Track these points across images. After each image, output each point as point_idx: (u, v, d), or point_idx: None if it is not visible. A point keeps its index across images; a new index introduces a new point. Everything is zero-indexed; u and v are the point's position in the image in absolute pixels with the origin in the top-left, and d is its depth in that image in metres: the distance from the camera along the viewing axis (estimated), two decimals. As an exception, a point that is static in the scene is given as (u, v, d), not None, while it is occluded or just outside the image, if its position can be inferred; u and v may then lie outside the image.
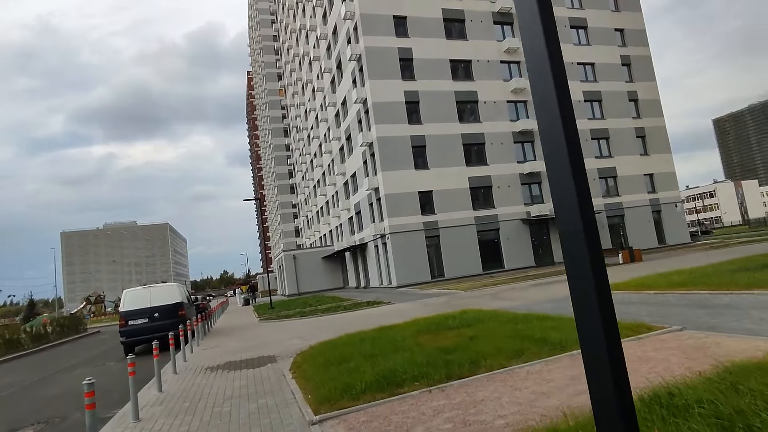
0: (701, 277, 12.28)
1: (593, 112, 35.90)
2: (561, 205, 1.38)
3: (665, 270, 16.39)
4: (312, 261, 43.60)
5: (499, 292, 17.45)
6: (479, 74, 32.70)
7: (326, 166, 45.01)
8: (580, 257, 1.35)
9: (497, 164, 32.09)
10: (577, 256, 1.36)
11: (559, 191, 1.39)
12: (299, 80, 54.35)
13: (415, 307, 16.40)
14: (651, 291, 11.23)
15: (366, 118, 31.54)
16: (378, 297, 22.62)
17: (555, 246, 32.73)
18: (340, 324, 14.20)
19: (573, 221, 1.35)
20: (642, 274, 16.69)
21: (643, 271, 18.34)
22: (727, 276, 11.39)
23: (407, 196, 29.58)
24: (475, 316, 10.18)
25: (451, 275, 29.47)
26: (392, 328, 10.29)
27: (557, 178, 1.38)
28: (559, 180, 1.37)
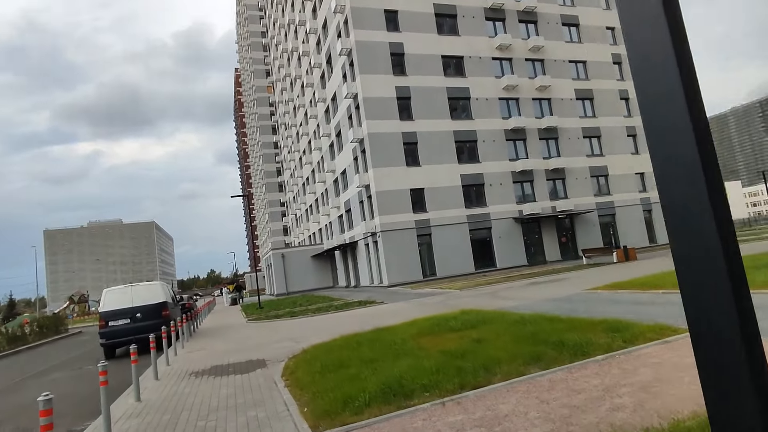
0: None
1: (585, 110, 35.75)
2: (685, 210, 0.85)
3: (666, 269, 16.09)
4: (301, 260, 42.83)
5: (496, 292, 16.99)
6: (471, 71, 32.27)
7: (315, 163, 44.24)
8: (712, 270, 0.84)
9: (489, 162, 31.71)
10: (706, 270, 0.84)
11: (681, 197, 0.86)
12: (288, 76, 53.42)
13: (410, 307, 15.85)
14: (659, 290, 10.83)
15: (357, 113, 30.90)
16: (370, 296, 22.03)
17: (547, 245, 32.50)
18: (332, 325, 13.59)
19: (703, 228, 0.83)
20: (641, 273, 16.35)
21: (640, 270, 18.04)
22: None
23: (398, 194, 29.03)
24: (477, 316, 9.65)
25: (443, 274, 29.01)
26: (390, 330, 9.72)
27: (681, 179, 0.85)
28: (684, 182, 0.85)
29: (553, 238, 32.82)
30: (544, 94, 34.15)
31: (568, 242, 33.53)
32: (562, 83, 34.79)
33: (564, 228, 33.61)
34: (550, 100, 34.41)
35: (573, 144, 34.49)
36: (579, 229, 33.72)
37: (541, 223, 32.55)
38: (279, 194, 79.59)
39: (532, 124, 33.23)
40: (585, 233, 33.71)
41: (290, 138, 57.14)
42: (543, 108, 34.37)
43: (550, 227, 32.80)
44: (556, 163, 33.02)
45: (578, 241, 33.55)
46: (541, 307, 11.08)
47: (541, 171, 33.05)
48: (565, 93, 34.87)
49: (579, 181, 34.18)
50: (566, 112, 34.52)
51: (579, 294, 12.76)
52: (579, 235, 33.66)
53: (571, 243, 33.60)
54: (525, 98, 33.54)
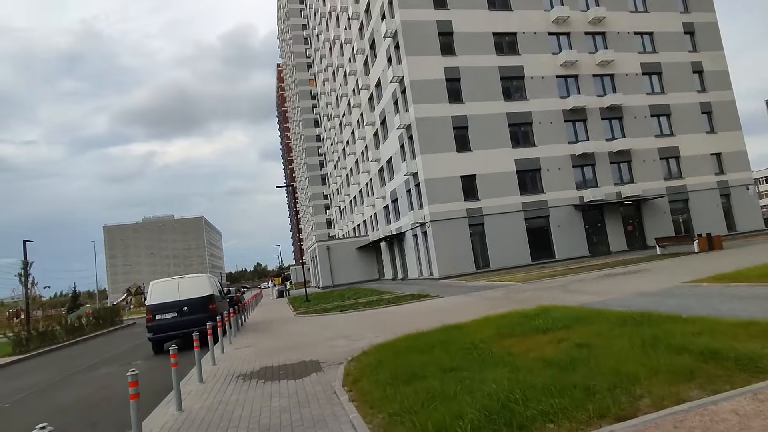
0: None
1: (652, 86, 32.58)
2: None
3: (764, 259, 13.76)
4: (346, 252, 42.11)
5: (566, 284, 15.21)
6: (526, 47, 30.02)
7: (359, 153, 43.27)
8: None
9: (546, 145, 29.45)
10: None
11: None
12: (330, 66, 52.66)
13: (471, 301, 14.41)
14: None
15: (403, 98, 29.48)
16: (422, 289, 20.73)
17: (611, 234, 29.92)
18: (388, 321, 12.40)
19: None
20: (739, 264, 14.08)
21: (735, 261, 15.68)
22: None
23: (449, 181, 27.45)
24: (565, 314, 8.11)
25: (497, 266, 27.24)
26: (461, 328, 8.36)
27: None
28: None
29: (618, 227, 30.16)
30: (606, 69, 31.34)
31: (634, 231, 30.76)
32: (627, 57, 31.80)
33: (630, 215, 30.84)
34: (612, 77, 31.56)
35: (639, 123, 31.51)
36: (647, 217, 30.83)
37: (605, 211, 29.97)
38: (322, 187, 79.68)
39: (593, 102, 30.58)
40: (654, 221, 30.79)
41: (333, 129, 56.53)
42: (605, 85, 31.58)
43: (615, 215, 30.15)
44: (621, 145, 30.25)
45: (646, 230, 30.71)
46: (638, 303, 9.36)
47: (604, 154, 30.40)
48: (630, 68, 31.86)
49: (647, 164, 31.22)
50: (631, 89, 31.53)
51: (679, 288, 10.87)
52: (647, 223, 30.79)
53: (638, 232, 30.81)
54: (585, 75, 30.90)
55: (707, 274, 12.45)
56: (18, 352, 18.47)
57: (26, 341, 19.12)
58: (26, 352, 18.50)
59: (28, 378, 12.23)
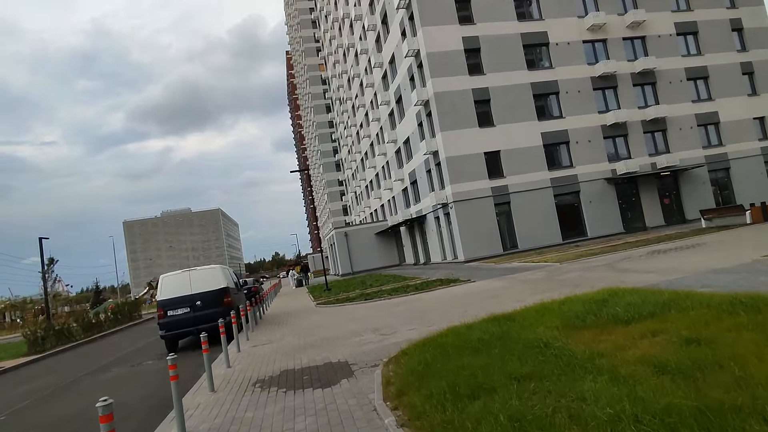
0: None
1: (687, 48, 30.21)
2: None
3: None
4: (365, 238, 40.96)
5: (612, 263, 13.71)
6: (549, 11, 27.96)
7: (374, 135, 41.78)
8: None
9: (574, 116, 27.57)
10: None
11: None
12: (340, 47, 50.94)
13: (510, 285, 13.05)
14: None
15: (419, 72, 27.84)
16: (450, 274, 19.42)
17: (647, 208, 28.06)
18: (420, 310, 11.15)
19: None
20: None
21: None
22: None
23: (471, 158, 25.89)
24: (643, 298, 6.70)
25: (526, 246, 25.74)
26: (514, 319, 7.04)
27: None
28: None
29: (654, 201, 28.27)
30: (636, 31, 29.10)
31: (671, 204, 28.83)
32: (659, 17, 29.45)
33: (666, 188, 28.88)
34: (644, 39, 29.31)
35: (675, 88, 29.29)
36: (685, 189, 28.83)
37: (639, 184, 28.08)
38: (337, 174, 78.54)
39: (624, 68, 28.46)
40: (692, 193, 28.79)
41: (346, 113, 55.01)
42: (636, 48, 29.38)
43: (650, 188, 28.24)
44: (655, 112, 28.17)
45: (684, 203, 28.76)
46: (721, 281, 7.89)
47: (637, 123, 28.38)
48: (663, 28, 29.53)
49: (683, 132, 29.09)
50: (665, 51, 29.25)
51: (761, 262, 9.32)
52: (685, 195, 28.81)
53: (675, 205, 28.87)
54: (614, 39, 28.73)
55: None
56: (33, 351, 17.84)
57: (42, 340, 18.49)
58: (41, 351, 17.85)
59: (35, 381, 11.39)
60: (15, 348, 19.53)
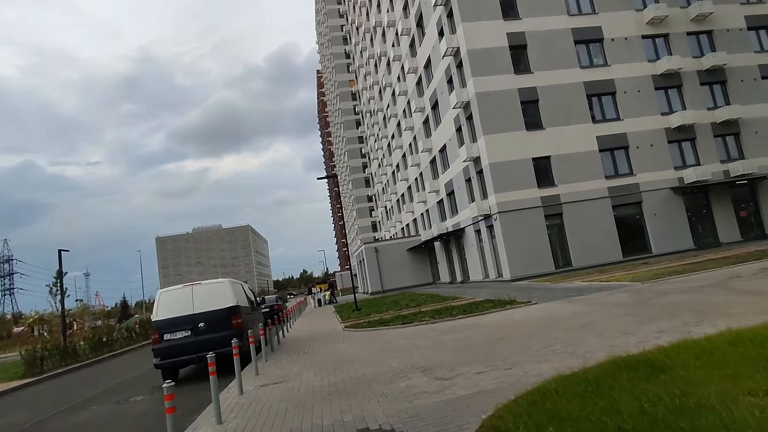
0: None
1: (761, 43, 26.86)
2: None
3: None
4: (396, 254, 38.43)
5: (720, 283, 10.73)
6: (602, 4, 25.33)
7: (407, 145, 39.61)
8: None
9: (634, 118, 24.57)
10: None
11: None
12: (372, 57, 49.53)
13: (591, 310, 10.25)
14: None
15: (459, 73, 25.57)
16: (496, 294, 16.65)
17: (720, 221, 24.52)
18: (480, 340, 8.52)
19: None
20: None
21: None
22: None
23: (518, 165, 23.20)
24: None
25: (581, 264, 22.63)
26: (662, 368, 4.37)
27: None
28: None
29: (728, 213, 24.70)
30: (703, 25, 26.03)
31: (749, 217, 25.15)
32: (728, 9, 26.31)
33: (742, 199, 25.27)
34: (711, 33, 26.18)
35: (748, 88, 25.90)
36: (764, 199, 25.15)
37: (710, 194, 24.64)
38: (366, 189, 76.82)
39: (690, 65, 25.36)
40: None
41: (377, 125, 53.26)
42: (702, 44, 26.25)
43: (723, 199, 24.71)
44: (727, 114, 24.84)
45: (764, 215, 25.04)
46: None
47: (706, 125, 25.08)
48: (733, 21, 26.35)
49: (760, 136, 25.54)
50: (736, 47, 26.00)
51: None
52: (764, 207, 25.10)
53: (754, 218, 25.18)
54: (677, 33, 25.75)
55: None
56: (30, 373, 16.03)
57: (41, 360, 16.69)
58: (39, 373, 16.04)
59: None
60: (17, 368, 17.82)
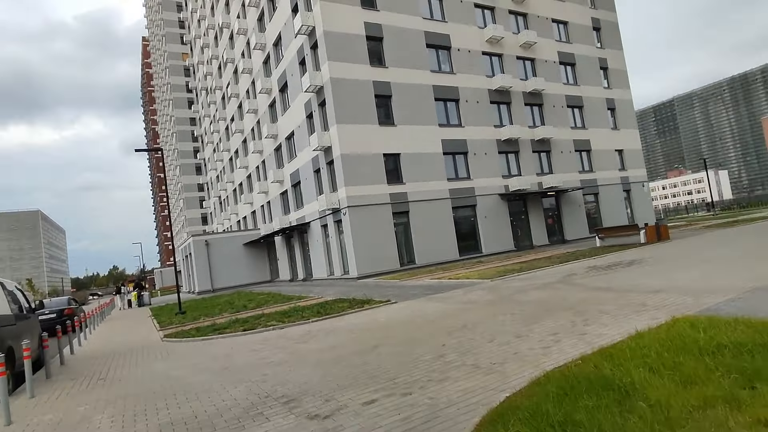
0: None
1: (567, 77, 31.75)
2: None
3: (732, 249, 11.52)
4: (231, 248, 34.64)
5: (565, 279, 11.33)
6: (451, 15, 26.57)
7: (249, 130, 36.11)
8: None
9: (473, 126, 26.34)
10: None
11: None
12: (211, 28, 44.17)
13: (460, 309, 9.63)
14: None
15: (313, 55, 23.84)
16: (345, 292, 15.47)
17: (534, 226, 27.93)
18: (347, 349, 6.94)
19: None
20: (719, 253, 11.71)
21: (705, 250, 13.51)
22: None
23: (370, 159, 22.58)
24: None
25: (423, 262, 23.17)
26: (625, 389, 3.42)
27: None
28: None
29: (540, 219, 28.36)
30: (528, 53, 29.47)
31: (554, 224, 29.32)
32: (546, 43, 30.37)
33: (550, 208, 29.33)
34: (534, 61, 29.84)
35: (558, 113, 30.29)
36: (565, 209, 29.66)
37: (528, 202, 27.91)
38: (197, 177, 69.12)
39: (518, 85, 28.40)
40: (570, 213, 29.77)
41: (213, 105, 47.81)
42: (527, 69, 29.73)
43: (537, 207, 28.29)
44: (543, 133, 28.53)
45: (564, 223, 29.50)
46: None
47: (527, 141, 28.39)
48: (549, 54, 30.53)
49: (564, 155, 30.09)
50: (551, 76, 30.17)
51: None
52: (565, 215, 29.60)
53: (557, 225, 29.44)
54: (509, 55, 28.59)
55: (721, 264, 9.47)
56: None
57: None
58: None
59: None
60: None
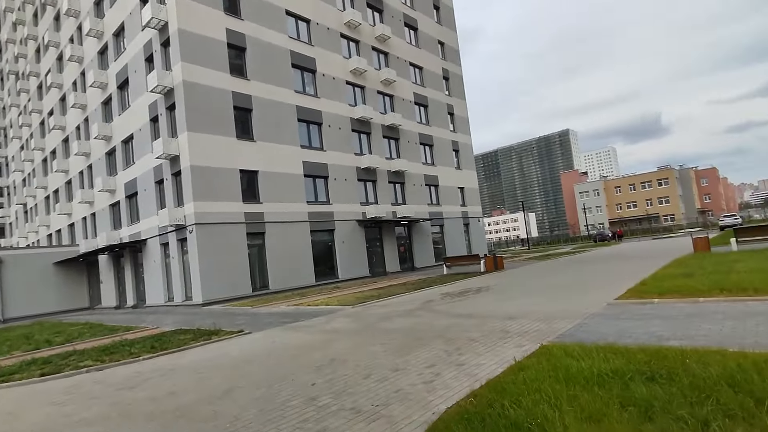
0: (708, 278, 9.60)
1: (420, 117, 34.42)
2: None
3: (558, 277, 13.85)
4: (36, 268, 28.06)
5: (425, 306, 11.60)
6: (319, 40, 26.73)
7: (73, 127, 30.46)
8: None
9: (335, 152, 26.46)
10: None
11: None
12: (29, 3, 36.77)
13: (315, 338, 8.99)
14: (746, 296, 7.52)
15: (163, 52, 21.35)
16: (188, 321, 13.53)
17: (388, 254, 28.93)
18: (190, 396, 5.75)
19: None
20: (553, 282, 13.78)
21: (537, 278, 15.65)
22: None
23: (224, 173, 20.79)
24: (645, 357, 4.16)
25: (278, 287, 21.94)
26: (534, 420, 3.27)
27: None
28: None
29: (393, 247, 29.53)
30: (388, 89, 31.18)
31: (405, 251, 30.82)
32: (404, 83, 32.63)
33: (402, 237, 30.82)
34: (393, 97, 31.67)
35: (412, 148, 32.45)
36: (415, 238, 31.48)
37: (383, 229, 28.89)
38: (-9, 178, 55.58)
39: (378, 118, 29.69)
40: (420, 242, 31.73)
41: (25, 93, 39.39)
42: (386, 104, 31.36)
43: (391, 234, 29.46)
44: (398, 165, 30.14)
45: (414, 251, 31.25)
46: (662, 329, 6.35)
47: (384, 171, 29.63)
48: (406, 94, 32.80)
49: (416, 188, 32.18)
50: (407, 114, 32.35)
51: (621, 306, 8.61)
52: (415, 244, 31.41)
53: (408, 252, 31.01)
54: (371, 89, 29.83)
55: (622, 290, 11.06)
56: None
57: None
58: None
59: None
60: None
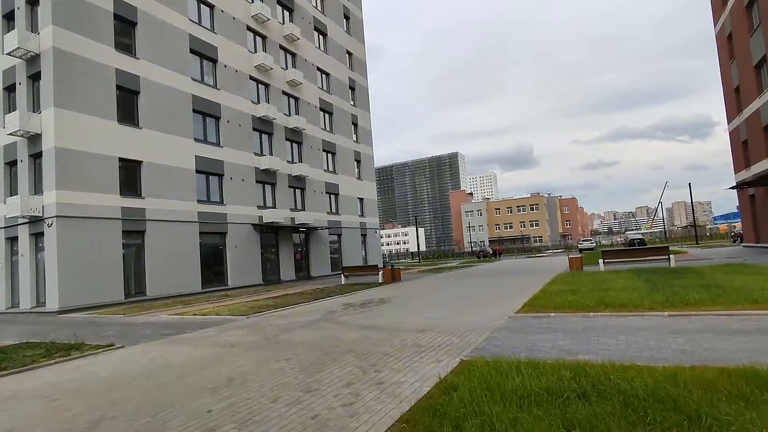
0: (615, 295, 10.55)
1: (325, 123, 33.85)
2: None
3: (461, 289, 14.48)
4: None
5: (326, 318, 10.91)
6: (222, 28, 24.87)
7: None
8: None
9: (232, 149, 24.62)
10: None
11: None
12: None
13: (205, 353, 7.81)
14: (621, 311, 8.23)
15: (29, 10, 17.93)
16: (43, 332, 11.09)
17: (283, 261, 27.58)
18: (40, 430, 4.37)
19: None
20: (456, 293, 14.24)
21: (442, 290, 16.02)
22: (645, 295, 9.91)
23: (99, 160, 17.92)
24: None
25: (157, 293, 19.44)
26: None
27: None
28: None
29: (289, 255, 28.25)
30: (294, 91, 30.14)
31: (302, 259, 29.67)
32: (310, 87, 31.85)
33: (299, 244, 29.66)
34: (298, 100, 30.67)
35: (314, 154, 31.66)
36: (312, 247, 30.53)
37: (279, 236, 27.50)
38: None
39: (281, 119, 28.47)
40: (317, 251, 30.86)
41: None
42: (291, 105, 30.25)
43: (287, 241, 28.16)
44: (299, 170, 29.12)
45: (311, 259, 30.27)
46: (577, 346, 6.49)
47: (285, 175, 28.37)
48: (312, 98, 32.03)
49: (316, 195, 31.36)
50: (312, 119, 31.56)
51: (519, 319, 8.83)
52: (312, 252, 30.44)
53: (305, 260, 29.90)
54: (276, 88, 28.54)
55: (521, 302, 11.35)
56: None
57: None
58: None
59: None
60: None
